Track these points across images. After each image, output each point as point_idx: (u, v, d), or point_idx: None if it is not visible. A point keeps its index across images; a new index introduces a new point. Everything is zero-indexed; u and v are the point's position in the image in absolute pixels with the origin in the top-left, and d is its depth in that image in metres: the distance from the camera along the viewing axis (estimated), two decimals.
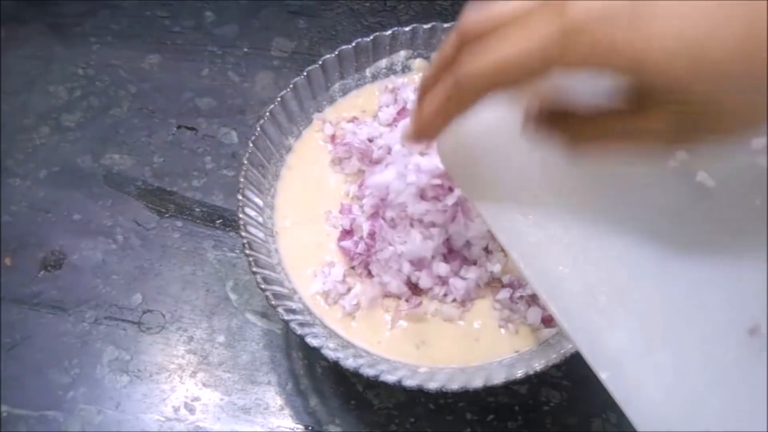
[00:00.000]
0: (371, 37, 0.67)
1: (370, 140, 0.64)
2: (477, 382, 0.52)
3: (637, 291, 0.45)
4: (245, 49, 0.85)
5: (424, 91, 0.45)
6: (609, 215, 0.48)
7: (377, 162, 0.62)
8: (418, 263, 0.58)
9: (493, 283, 0.59)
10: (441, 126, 0.45)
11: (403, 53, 0.69)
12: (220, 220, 0.74)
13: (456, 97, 0.41)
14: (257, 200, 0.62)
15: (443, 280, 0.58)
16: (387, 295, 0.59)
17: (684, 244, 0.46)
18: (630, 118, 0.40)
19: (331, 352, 0.54)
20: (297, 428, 0.63)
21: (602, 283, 0.46)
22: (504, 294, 0.57)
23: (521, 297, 0.57)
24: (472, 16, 0.41)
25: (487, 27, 0.40)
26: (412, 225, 0.58)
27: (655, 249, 0.46)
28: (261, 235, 0.60)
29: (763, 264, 0.45)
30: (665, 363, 0.44)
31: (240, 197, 0.60)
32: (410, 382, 0.53)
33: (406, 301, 0.59)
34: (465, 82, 0.40)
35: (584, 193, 0.48)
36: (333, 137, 0.66)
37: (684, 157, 0.48)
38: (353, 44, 0.67)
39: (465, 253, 0.59)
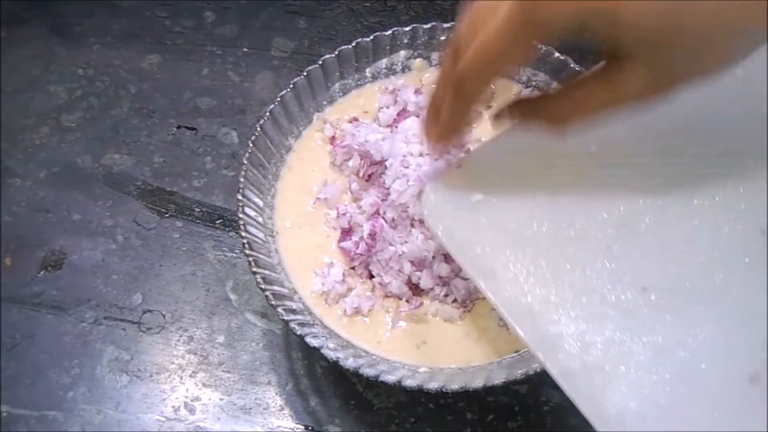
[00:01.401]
0: (371, 37, 0.67)
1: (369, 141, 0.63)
2: (477, 382, 0.52)
3: (636, 344, 0.44)
4: (245, 49, 0.85)
5: (433, 103, 0.48)
6: (598, 268, 0.47)
7: (377, 163, 0.62)
8: (419, 263, 0.58)
9: None
10: (459, 125, 0.47)
11: (403, 53, 0.69)
12: (220, 220, 0.74)
13: (461, 92, 0.44)
14: (257, 200, 0.62)
15: (444, 281, 0.58)
16: (387, 295, 0.59)
17: (680, 291, 0.45)
18: (605, 83, 0.41)
19: (331, 352, 0.54)
20: (297, 428, 0.63)
21: (599, 340, 0.44)
22: None
23: None
24: (456, 28, 0.45)
25: (470, 29, 0.43)
26: (413, 225, 0.59)
27: (649, 300, 0.45)
28: (261, 235, 0.60)
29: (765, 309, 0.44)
30: (670, 420, 0.43)
31: (240, 197, 0.60)
32: (410, 382, 0.53)
33: (407, 301, 0.59)
34: (463, 75, 0.43)
35: (569, 249, 0.48)
36: (332, 139, 0.66)
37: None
38: (353, 44, 0.67)
39: None
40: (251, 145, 0.63)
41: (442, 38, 0.68)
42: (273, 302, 0.56)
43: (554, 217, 0.48)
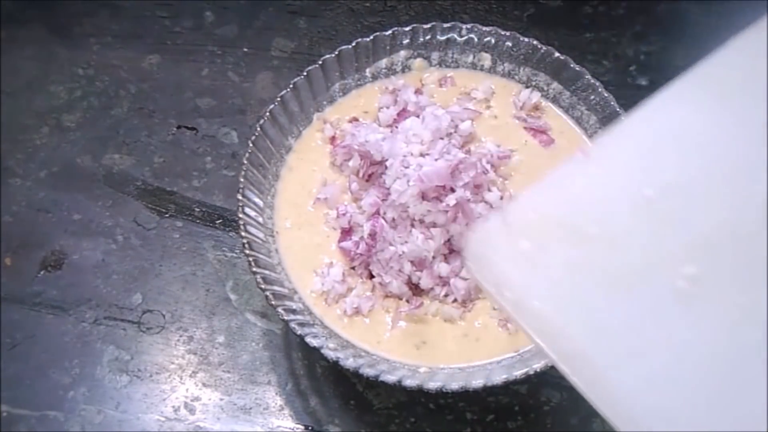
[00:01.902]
0: (371, 37, 0.67)
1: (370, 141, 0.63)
2: (477, 382, 0.52)
3: (705, 402, 0.42)
4: (245, 49, 0.85)
5: None
6: (670, 323, 0.43)
7: (377, 163, 0.62)
8: (419, 263, 0.58)
9: None
10: None
11: (403, 53, 0.69)
12: (220, 220, 0.74)
13: None
14: (257, 200, 0.62)
15: (444, 281, 0.58)
16: (388, 295, 0.59)
17: (753, 355, 0.42)
18: None
19: (331, 352, 0.54)
20: (297, 428, 0.63)
21: (673, 396, 0.42)
22: None
23: None
24: None
25: None
26: (413, 225, 0.59)
27: (723, 364, 0.42)
28: (261, 235, 0.60)
29: None
30: None
31: (240, 197, 0.60)
32: (410, 382, 0.53)
33: (407, 301, 0.59)
34: None
35: (634, 302, 0.44)
36: (333, 139, 0.66)
37: None
38: (353, 44, 0.67)
39: None
40: (251, 145, 0.63)
41: (442, 38, 0.68)
42: (273, 302, 0.56)
43: (612, 266, 0.45)
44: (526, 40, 0.66)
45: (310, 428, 0.63)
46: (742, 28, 0.45)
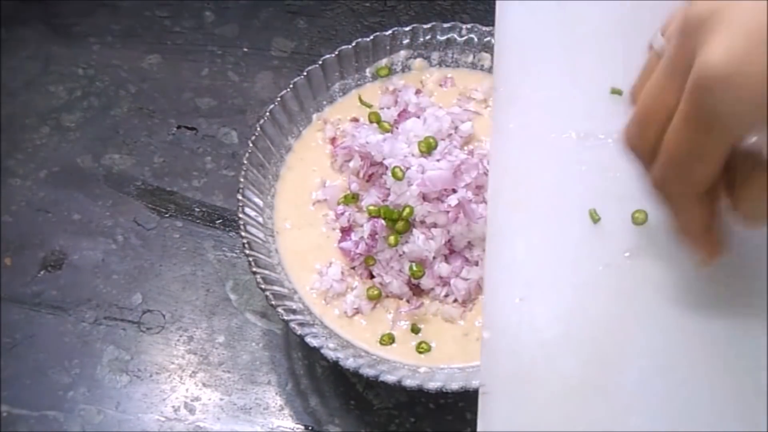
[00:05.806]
0: (371, 37, 0.68)
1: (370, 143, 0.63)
2: (477, 382, 0.52)
3: None
4: (245, 49, 0.85)
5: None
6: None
7: (378, 163, 0.62)
8: (420, 264, 0.58)
9: None
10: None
11: (403, 53, 0.69)
12: (220, 220, 0.74)
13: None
14: (257, 200, 0.62)
15: (444, 281, 0.58)
16: (388, 295, 0.59)
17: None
18: None
19: (331, 352, 0.54)
20: (297, 428, 0.63)
21: None
22: None
23: None
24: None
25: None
26: (414, 225, 0.59)
27: None
28: (261, 235, 0.60)
29: None
30: None
31: (240, 197, 0.60)
32: (410, 382, 0.53)
33: (407, 301, 0.59)
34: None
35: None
36: (333, 140, 0.66)
37: None
38: (353, 44, 0.67)
39: (466, 254, 0.59)
40: (251, 145, 0.63)
41: (442, 38, 0.68)
42: (273, 302, 0.56)
43: None
44: None
45: (310, 428, 0.63)
46: None
